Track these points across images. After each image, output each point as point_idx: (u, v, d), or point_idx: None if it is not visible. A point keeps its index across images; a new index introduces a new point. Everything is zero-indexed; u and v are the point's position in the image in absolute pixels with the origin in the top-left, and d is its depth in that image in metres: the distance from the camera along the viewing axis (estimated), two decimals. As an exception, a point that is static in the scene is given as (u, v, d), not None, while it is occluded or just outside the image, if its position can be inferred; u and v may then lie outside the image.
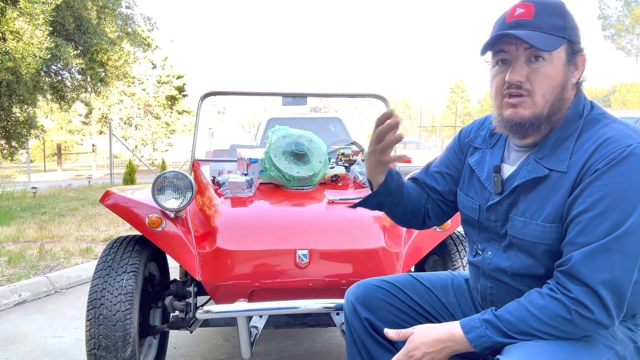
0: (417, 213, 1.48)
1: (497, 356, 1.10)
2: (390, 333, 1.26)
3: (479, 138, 1.41)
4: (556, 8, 1.16)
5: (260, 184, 2.45)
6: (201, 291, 2.13)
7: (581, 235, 1.07)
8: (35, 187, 9.78)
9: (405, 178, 2.29)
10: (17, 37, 7.49)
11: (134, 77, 21.49)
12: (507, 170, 1.28)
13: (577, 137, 1.16)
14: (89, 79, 10.98)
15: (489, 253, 1.30)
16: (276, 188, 2.42)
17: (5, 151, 9.63)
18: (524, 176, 1.20)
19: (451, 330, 1.16)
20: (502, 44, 1.18)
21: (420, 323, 1.38)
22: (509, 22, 1.18)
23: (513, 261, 1.23)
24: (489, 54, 1.23)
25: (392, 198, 1.41)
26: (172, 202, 2.11)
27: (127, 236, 2.19)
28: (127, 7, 12.13)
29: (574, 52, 1.18)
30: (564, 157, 1.15)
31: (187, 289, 2.12)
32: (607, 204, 1.05)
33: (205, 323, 2.12)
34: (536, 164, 1.19)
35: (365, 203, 1.44)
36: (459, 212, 1.47)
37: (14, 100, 8.45)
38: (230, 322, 2.08)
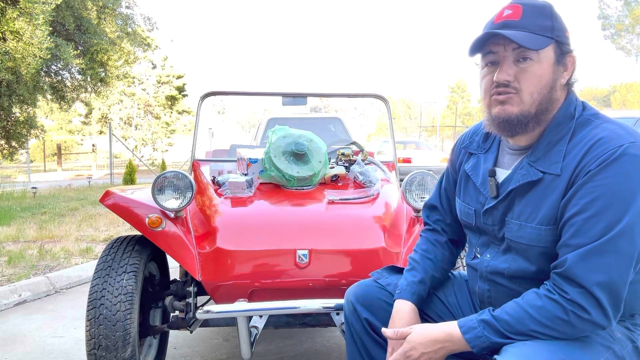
0: (454, 258, 1.54)
1: (495, 356, 1.10)
2: (388, 332, 1.26)
3: (474, 144, 1.41)
4: (544, 9, 1.17)
5: (260, 184, 2.45)
6: (201, 291, 2.13)
7: (576, 237, 1.08)
8: (35, 187, 9.77)
9: (406, 178, 2.30)
10: (17, 37, 7.48)
11: (134, 77, 21.50)
12: (502, 174, 1.28)
13: (570, 138, 1.16)
14: (89, 79, 10.98)
15: (488, 256, 1.30)
16: (276, 188, 2.42)
17: (5, 151, 9.63)
18: (518, 180, 1.21)
19: (449, 330, 1.17)
20: (490, 44, 1.19)
21: (419, 323, 1.38)
22: (497, 24, 1.19)
23: (510, 264, 1.23)
24: (479, 56, 1.24)
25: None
26: (172, 202, 2.11)
27: (127, 236, 2.19)
28: (127, 7, 12.13)
29: (563, 53, 1.19)
30: (557, 159, 1.15)
31: (187, 289, 2.11)
32: (601, 205, 1.06)
33: (205, 323, 2.12)
34: (530, 167, 1.20)
35: None
36: None
37: (14, 100, 8.45)
38: (230, 322, 2.08)
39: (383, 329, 1.27)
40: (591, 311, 1.05)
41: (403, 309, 1.37)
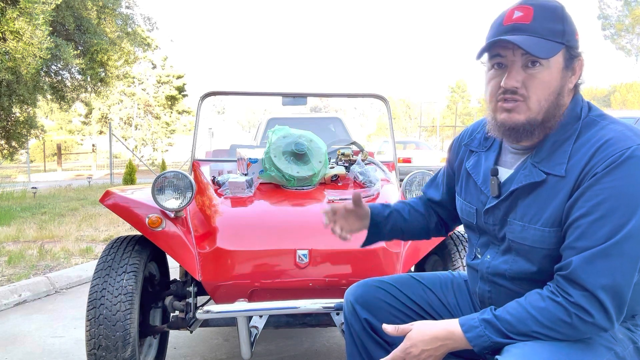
0: (422, 233, 1.61)
1: (496, 356, 1.10)
2: (389, 329, 1.26)
3: (475, 141, 1.40)
4: (555, 12, 1.14)
5: (260, 184, 2.45)
6: (201, 291, 2.13)
7: (581, 240, 1.07)
8: (35, 187, 9.77)
9: (406, 178, 2.31)
10: (17, 37, 7.48)
11: (134, 77, 21.49)
12: (504, 173, 1.27)
13: (575, 140, 1.14)
14: (89, 79, 10.97)
15: (488, 256, 1.29)
16: (276, 188, 2.42)
17: (5, 151, 9.63)
18: (520, 180, 1.20)
19: (450, 328, 1.16)
20: (498, 48, 1.17)
21: (419, 318, 1.38)
22: (506, 26, 1.16)
23: (511, 265, 1.22)
24: (485, 55, 1.22)
25: (390, 235, 1.58)
26: (172, 202, 2.11)
27: (127, 236, 2.19)
28: (127, 7, 12.12)
29: (572, 57, 1.16)
30: (562, 160, 1.14)
31: (187, 289, 2.12)
32: (607, 207, 1.04)
33: (205, 323, 2.12)
34: (533, 168, 1.18)
35: (368, 243, 1.58)
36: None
37: (14, 100, 8.44)
38: (230, 322, 2.08)
39: (384, 325, 1.27)
40: (595, 314, 1.04)
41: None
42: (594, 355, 1.08)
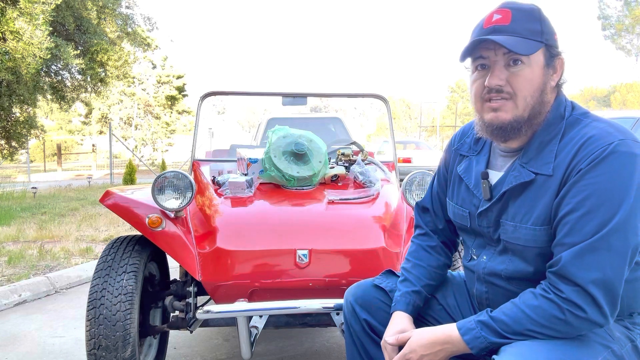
0: (449, 260, 1.52)
1: (494, 356, 1.10)
2: (389, 340, 1.28)
3: (465, 145, 1.41)
4: (532, 13, 1.18)
5: (260, 184, 2.45)
6: (201, 291, 2.13)
7: (569, 236, 1.08)
8: (35, 187, 9.77)
9: (406, 178, 2.31)
10: (17, 37, 7.48)
11: (134, 77, 21.49)
12: (495, 176, 1.28)
13: (560, 138, 1.17)
14: (89, 79, 10.97)
15: (484, 258, 1.30)
16: (276, 188, 2.42)
17: (5, 151, 9.63)
18: (510, 182, 1.21)
19: (448, 332, 1.17)
20: (480, 49, 1.20)
21: (418, 324, 1.39)
22: (486, 28, 1.19)
23: (507, 265, 1.23)
24: (469, 60, 1.24)
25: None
26: (172, 202, 2.11)
27: (127, 236, 2.19)
28: (127, 7, 12.13)
29: (552, 55, 1.19)
30: (549, 160, 1.16)
31: (187, 289, 2.12)
32: (592, 203, 1.07)
33: (205, 323, 2.12)
34: (522, 168, 1.20)
35: None
36: None
37: (14, 100, 8.45)
38: (230, 322, 2.08)
39: (383, 340, 1.29)
40: (587, 309, 1.05)
41: (397, 318, 1.37)
42: (590, 353, 1.09)
